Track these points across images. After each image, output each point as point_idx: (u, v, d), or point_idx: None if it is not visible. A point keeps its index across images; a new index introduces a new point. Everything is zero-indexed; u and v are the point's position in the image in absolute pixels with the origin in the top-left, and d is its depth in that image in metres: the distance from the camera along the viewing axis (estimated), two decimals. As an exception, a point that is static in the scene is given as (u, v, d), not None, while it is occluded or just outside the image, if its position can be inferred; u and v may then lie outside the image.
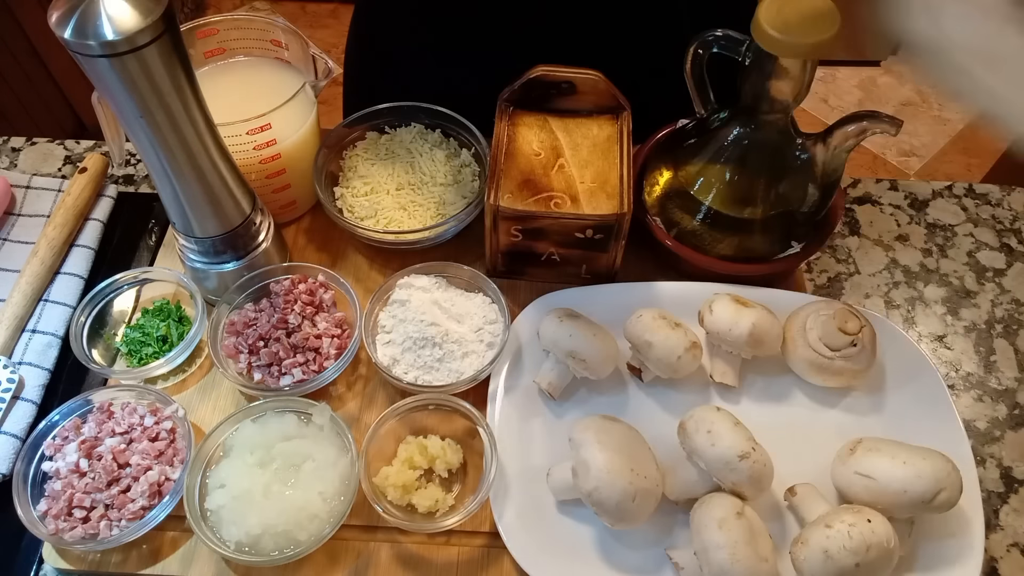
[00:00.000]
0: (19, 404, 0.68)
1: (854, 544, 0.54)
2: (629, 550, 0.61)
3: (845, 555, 0.54)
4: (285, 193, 0.76)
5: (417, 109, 0.80)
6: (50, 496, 0.61)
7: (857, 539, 0.54)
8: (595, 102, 0.74)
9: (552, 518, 0.62)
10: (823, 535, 0.55)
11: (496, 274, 0.75)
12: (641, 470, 0.57)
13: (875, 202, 0.86)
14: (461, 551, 0.62)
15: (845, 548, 0.54)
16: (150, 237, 0.81)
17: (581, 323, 0.64)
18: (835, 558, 0.54)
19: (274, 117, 0.68)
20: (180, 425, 0.65)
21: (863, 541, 0.54)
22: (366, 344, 0.68)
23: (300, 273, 0.72)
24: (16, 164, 0.87)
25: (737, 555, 0.54)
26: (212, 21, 0.73)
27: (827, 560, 0.54)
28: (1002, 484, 0.67)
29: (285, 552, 0.58)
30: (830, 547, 0.54)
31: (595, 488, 0.56)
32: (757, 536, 0.56)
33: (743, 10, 0.76)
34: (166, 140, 0.58)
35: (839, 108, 2.28)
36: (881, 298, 0.78)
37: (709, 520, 0.56)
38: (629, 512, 0.56)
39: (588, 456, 0.57)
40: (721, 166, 0.69)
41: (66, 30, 0.48)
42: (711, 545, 0.55)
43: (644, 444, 0.61)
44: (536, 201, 0.68)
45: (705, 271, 0.72)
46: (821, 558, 0.55)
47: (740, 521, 0.55)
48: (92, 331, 0.71)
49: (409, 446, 0.64)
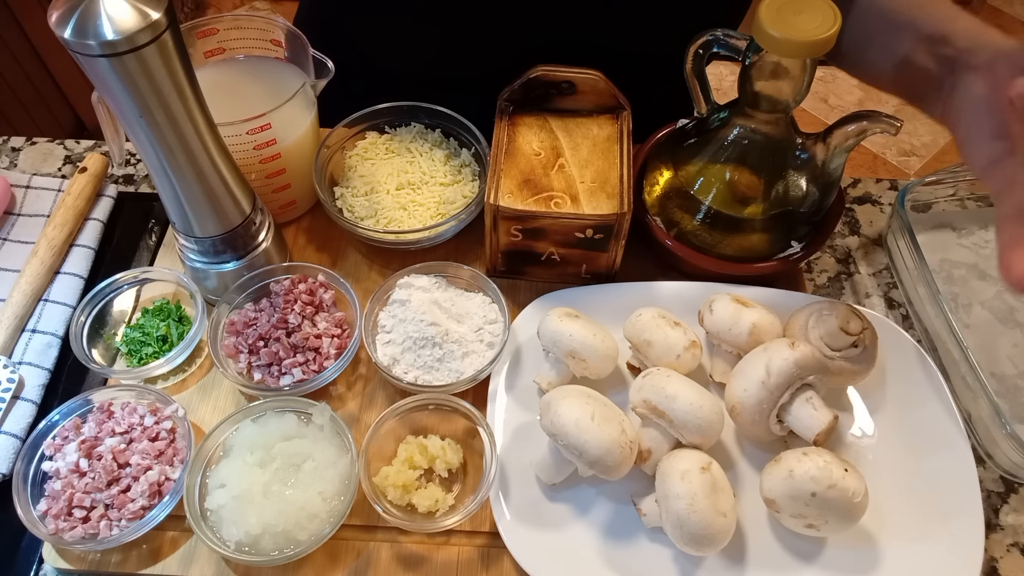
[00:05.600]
0: (19, 404, 0.68)
1: (820, 475, 0.55)
2: (630, 550, 0.61)
3: (806, 481, 0.55)
4: (285, 193, 0.76)
5: (417, 109, 0.80)
6: (50, 496, 0.61)
7: (825, 474, 0.55)
8: (595, 102, 0.74)
9: (552, 518, 0.62)
10: (796, 456, 0.57)
11: (496, 274, 0.75)
12: (613, 414, 0.59)
13: (875, 202, 0.86)
14: (461, 551, 0.62)
15: (809, 475, 0.56)
16: (150, 237, 0.81)
17: (581, 323, 0.64)
18: (796, 479, 0.56)
19: (274, 117, 0.68)
20: (180, 425, 0.65)
21: (830, 479, 0.55)
22: (366, 344, 0.68)
23: (300, 273, 0.72)
24: (16, 164, 0.87)
25: (695, 506, 0.55)
26: (212, 21, 0.73)
27: (789, 478, 0.56)
28: (1002, 484, 0.67)
29: (285, 552, 0.58)
30: (796, 468, 0.56)
31: (561, 421, 0.58)
32: (719, 492, 0.57)
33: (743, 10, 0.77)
34: (166, 140, 0.58)
35: (839, 108, 2.28)
36: (881, 298, 0.78)
37: (673, 471, 0.57)
38: (596, 432, 0.57)
39: (553, 398, 0.59)
40: (721, 166, 0.69)
41: (66, 30, 0.48)
42: (671, 494, 0.56)
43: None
44: (536, 201, 0.68)
45: (705, 271, 0.72)
46: (784, 474, 0.57)
47: (703, 475, 0.57)
48: (92, 331, 0.71)
49: (409, 446, 0.64)
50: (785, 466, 0.57)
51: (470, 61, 0.80)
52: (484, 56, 0.77)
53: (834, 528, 0.57)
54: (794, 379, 0.59)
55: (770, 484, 0.58)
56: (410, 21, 0.78)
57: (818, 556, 0.60)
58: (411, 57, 0.83)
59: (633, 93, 0.73)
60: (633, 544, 0.61)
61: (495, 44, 0.76)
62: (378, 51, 0.85)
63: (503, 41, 0.76)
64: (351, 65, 0.79)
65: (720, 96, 0.68)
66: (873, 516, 0.61)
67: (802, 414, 0.59)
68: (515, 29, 0.75)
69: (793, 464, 0.57)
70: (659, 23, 0.73)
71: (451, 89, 0.81)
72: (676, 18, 0.67)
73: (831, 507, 0.56)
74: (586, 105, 0.74)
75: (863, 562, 0.60)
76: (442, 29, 0.77)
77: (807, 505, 0.56)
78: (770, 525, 0.62)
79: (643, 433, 0.62)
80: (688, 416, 0.59)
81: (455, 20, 0.76)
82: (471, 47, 0.78)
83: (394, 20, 0.79)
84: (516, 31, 0.75)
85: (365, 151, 0.80)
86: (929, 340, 0.73)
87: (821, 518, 0.57)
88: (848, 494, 0.55)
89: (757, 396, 0.59)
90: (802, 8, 0.58)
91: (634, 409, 0.62)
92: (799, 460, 0.57)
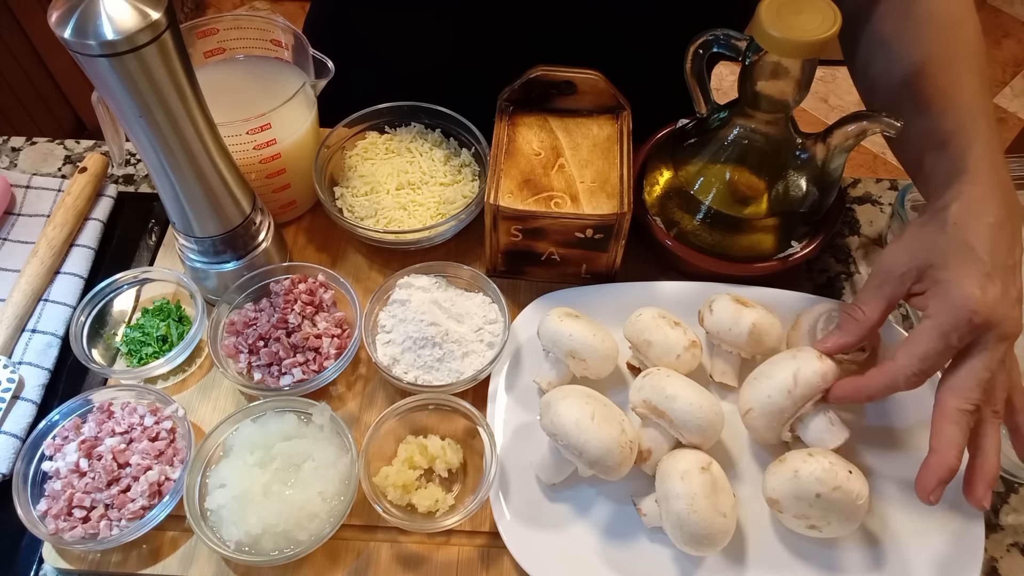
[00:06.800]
0: (19, 404, 0.68)
1: (825, 476, 0.55)
2: (630, 550, 0.61)
3: (811, 481, 0.55)
4: (285, 193, 0.76)
5: (417, 109, 0.80)
6: (50, 496, 0.61)
7: (830, 475, 0.55)
8: (595, 102, 0.74)
9: (552, 518, 0.62)
10: (801, 457, 0.57)
11: (496, 274, 0.75)
12: (613, 414, 0.59)
13: (875, 202, 0.86)
14: (461, 551, 0.62)
15: (814, 476, 0.55)
16: (150, 237, 0.81)
17: (581, 323, 0.64)
18: (801, 479, 0.56)
19: (274, 117, 0.68)
20: (180, 425, 0.65)
21: (835, 480, 0.55)
22: (366, 344, 0.68)
23: (300, 273, 0.72)
24: (16, 164, 0.87)
25: (695, 506, 0.55)
26: (212, 21, 0.73)
27: (793, 478, 0.56)
28: (1002, 484, 0.67)
29: (285, 552, 0.58)
30: (802, 469, 0.56)
31: (562, 421, 0.57)
32: (719, 492, 0.57)
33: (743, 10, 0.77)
34: (166, 140, 0.58)
35: (839, 108, 2.28)
36: (881, 298, 0.78)
37: (673, 471, 0.57)
38: (597, 430, 0.57)
39: (553, 398, 0.59)
40: (721, 166, 0.69)
41: (66, 30, 0.48)
42: (671, 494, 0.56)
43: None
44: (536, 201, 0.68)
45: (705, 271, 0.72)
46: (789, 474, 0.56)
47: (703, 475, 0.56)
48: (92, 331, 0.71)
49: (409, 446, 0.64)
50: (790, 466, 0.57)
51: (477, 57, 0.80)
52: (491, 52, 0.77)
53: (836, 529, 0.57)
54: (819, 391, 0.59)
55: (774, 484, 0.58)
56: (425, 16, 0.78)
57: (818, 556, 0.60)
58: (421, 54, 0.83)
59: (634, 93, 0.73)
60: (633, 544, 0.61)
61: (503, 39, 0.76)
62: (388, 49, 0.85)
63: (511, 36, 0.76)
64: (356, 62, 0.79)
65: (720, 96, 0.68)
66: (874, 516, 0.61)
67: (819, 428, 0.59)
68: (525, 24, 0.75)
69: (798, 465, 0.57)
70: (668, 27, 0.73)
71: (453, 86, 0.81)
72: (686, 23, 0.67)
73: (835, 508, 0.56)
74: (586, 105, 0.74)
75: (863, 562, 0.60)
76: (453, 23, 0.78)
77: (811, 506, 0.56)
78: (770, 525, 0.62)
79: (643, 433, 0.62)
80: (688, 416, 0.59)
81: (469, 12, 0.76)
82: (480, 42, 0.79)
83: (408, 17, 0.79)
84: (526, 26, 0.75)
85: (365, 151, 0.80)
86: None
87: (824, 519, 0.57)
88: (852, 496, 0.55)
89: (781, 404, 0.59)
90: (802, 8, 0.58)
91: (634, 409, 0.62)
92: (804, 461, 0.57)
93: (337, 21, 0.87)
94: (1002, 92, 2.32)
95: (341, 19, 0.87)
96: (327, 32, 0.87)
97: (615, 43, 0.75)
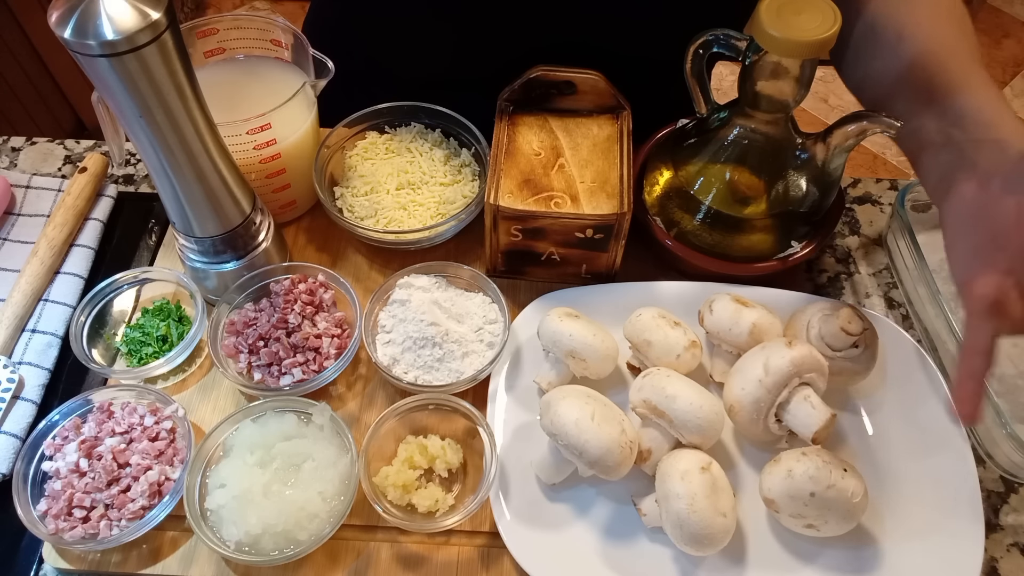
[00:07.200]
0: (19, 404, 0.68)
1: (818, 475, 0.55)
2: (630, 550, 0.61)
3: (805, 480, 0.56)
4: (285, 193, 0.76)
5: (417, 109, 0.80)
6: (50, 496, 0.61)
7: (823, 474, 0.55)
8: (595, 102, 0.74)
9: (552, 518, 0.62)
10: (795, 456, 0.57)
11: (496, 274, 0.75)
12: (613, 414, 0.59)
13: (875, 202, 0.86)
14: (461, 551, 0.62)
15: (808, 475, 0.56)
16: (150, 237, 0.81)
17: (581, 323, 0.64)
18: (795, 479, 0.56)
19: (274, 117, 0.68)
20: (180, 425, 0.65)
21: (828, 478, 0.55)
22: (366, 344, 0.68)
23: (300, 273, 0.72)
24: (16, 164, 0.87)
25: (695, 506, 0.55)
26: (212, 21, 0.73)
27: (788, 477, 0.56)
28: (1002, 484, 0.67)
29: (285, 552, 0.58)
30: (795, 468, 0.56)
31: (562, 422, 0.58)
32: (719, 492, 0.57)
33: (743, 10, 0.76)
34: (166, 140, 0.58)
35: (839, 108, 2.27)
36: (881, 298, 0.78)
37: (673, 471, 0.57)
38: (596, 430, 0.57)
39: (553, 398, 0.59)
40: (721, 166, 0.69)
41: (66, 30, 0.48)
42: (671, 494, 0.56)
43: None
44: (536, 201, 0.68)
45: (705, 271, 0.72)
46: (783, 474, 0.57)
47: (703, 475, 0.57)
48: (92, 331, 0.71)
49: (409, 446, 0.64)
50: (784, 466, 0.57)
51: (477, 61, 0.80)
52: (491, 55, 0.77)
53: (834, 528, 0.57)
54: (791, 377, 0.59)
55: (769, 484, 0.58)
56: (425, 18, 0.78)
57: (818, 556, 0.60)
58: (421, 59, 0.83)
59: (634, 94, 0.73)
60: (633, 544, 0.61)
61: (504, 43, 0.76)
62: (387, 53, 0.85)
63: (512, 39, 0.76)
64: (355, 66, 0.79)
65: (720, 96, 0.68)
66: (873, 516, 0.61)
67: (800, 412, 0.59)
68: (526, 27, 0.75)
69: (792, 464, 0.57)
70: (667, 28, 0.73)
71: (453, 89, 0.81)
72: (686, 23, 0.67)
73: (830, 507, 0.56)
74: (586, 105, 0.74)
75: (863, 562, 0.60)
76: (454, 26, 0.78)
77: (806, 505, 0.56)
78: (770, 525, 0.62)
79: (643, 433, 0.62)
80: (688, 416, 0.59)
81: (470, 14, 0.75)
82: (480, 46, 0.78)
83: (408, 19, 0.79)
84: (527, 29, 0.75)
85: (365, 151, 0.80)
86: (929, 340, 0.73)
87: (820, 518, 0.57)
88: (847, 494, 0.55)
89: (755, 395, 0.60)
90: (802, 8, 0.58)
91: (634, 409, 0.62)
92: (798, 460, 0.57)
93: (337, 27, 0.87)
94: (1002, 92, 2.32)
95: (341, 25, 0.87)
96: (327, 37, 0.87)
97: (615, 45, 0.75)
